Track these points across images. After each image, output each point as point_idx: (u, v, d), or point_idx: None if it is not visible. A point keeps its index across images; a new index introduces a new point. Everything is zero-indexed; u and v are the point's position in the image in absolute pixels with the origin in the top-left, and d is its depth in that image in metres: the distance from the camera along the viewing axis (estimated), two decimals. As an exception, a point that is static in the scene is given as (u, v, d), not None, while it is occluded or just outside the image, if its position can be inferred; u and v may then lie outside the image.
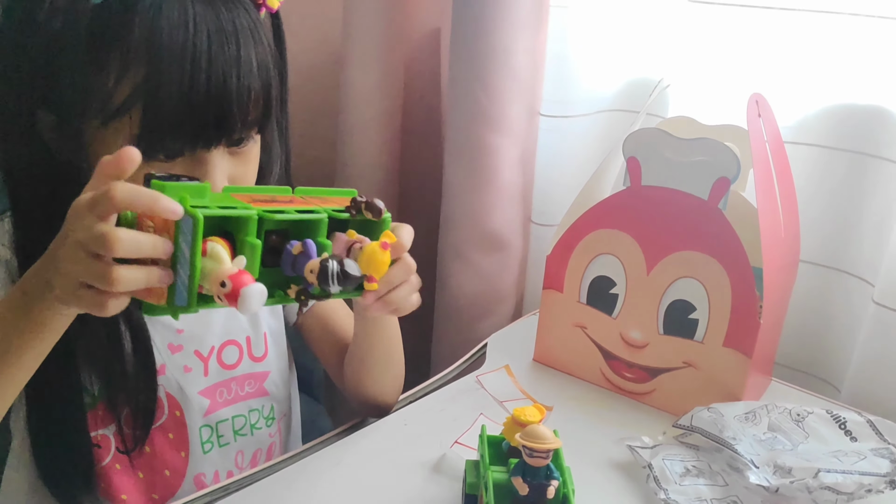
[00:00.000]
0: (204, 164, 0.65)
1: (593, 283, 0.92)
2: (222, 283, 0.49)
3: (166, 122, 0.61)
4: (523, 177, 1.16)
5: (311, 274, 0.54)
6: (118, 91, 0.61)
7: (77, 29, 0.60)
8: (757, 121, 0.84)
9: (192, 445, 0.79)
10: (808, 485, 0.70)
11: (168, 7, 0.60)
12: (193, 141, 0.64)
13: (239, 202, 0.55)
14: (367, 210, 0.59)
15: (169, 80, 0.60)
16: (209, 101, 0.62)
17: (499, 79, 1.08)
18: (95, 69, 0.61)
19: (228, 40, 0.62)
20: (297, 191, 0.61)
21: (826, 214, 0.99)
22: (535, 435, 0.62)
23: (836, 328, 1.02)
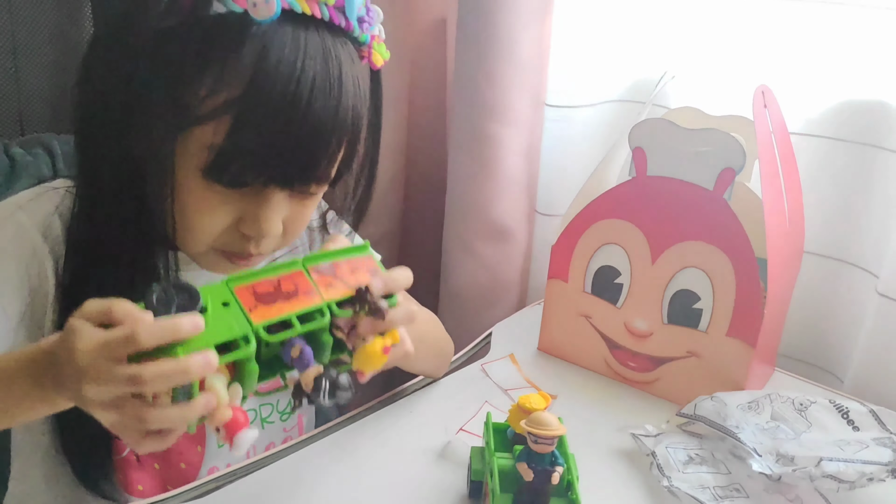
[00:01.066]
0: (265, 201, 0.63)
1: (598, 272, 0.93)
2: (217, 429, 0.52)
3: (248, 150, 0.59)
4: (528, 167, 1.16)
5: (306, 386, 0.56)
6: (210, 100, 0.58)
7: (190, 34, 0.58)
8: (763, 112, 0.84)
9: (208, 441, 0.80)
10: (811, 473, 0.70)
11: (281, 36, 0.58)
12: (269, 177, 0.61)
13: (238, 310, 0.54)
14: (370, 314, 0.58)
15: (265, 109, 0.58)
16: (299, 145, 0.60)
17: (504, 69, 1.08)
18: (196, 74, 0.58)
19: (332, 88, 0.60)
20: (305, 260, 0.60)
21: (830, 206, 1.00)
22: (540, 422, 0.62)
23: (839, 319, 1.02)
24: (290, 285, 0.58)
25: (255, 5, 0.57)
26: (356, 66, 0.64)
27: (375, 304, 0.58)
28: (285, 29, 0.58)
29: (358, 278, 0.60)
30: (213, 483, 0.73)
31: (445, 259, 1.23)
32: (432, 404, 0.86)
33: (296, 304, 0.57)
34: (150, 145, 0.61)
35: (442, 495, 0.72)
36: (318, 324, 0.57)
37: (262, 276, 0.57)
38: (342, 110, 0.61)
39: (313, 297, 0.58)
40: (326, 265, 0.60)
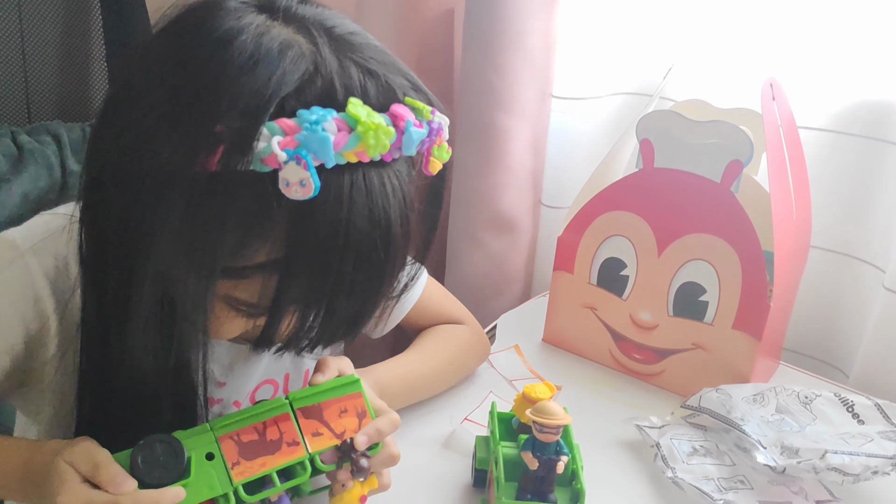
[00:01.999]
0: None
1: (604, 264, 0.93)
2: None
3: (280, 323, 0.54)
4: (534, 159, 1.16)
5: None
6: (237, 259, 0.51)
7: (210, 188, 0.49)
8: (771, 104, 0.84)
9: None
10: (815, 465, 0.70)
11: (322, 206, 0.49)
12: (306, 341, 0.56)
13: (221, 466, 0.56)
14: (353, 474, 0.60)
15: (302, 285, 0.52)
16: (342, 319, 0.55)
17: (511, 60, 1.08)
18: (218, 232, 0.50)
19: (376, 258, 0.52)
20: (294, 399, 0.60)
21: (837, 200, 0.99)
22: (545, 411, 0.62)
23: (845, 313, 1.02)
24: (275, 432, 0.59)
25: (289, 185, 0.47)
26: (409, 189, 0.55)
27: (358, 462, 0.60)
28: (327, 182, 0.49)
29: (345, 424, 0.61)
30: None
31: (450, 250, 1.23)
32: (437, 394, 0.86)
33: (278, 457, 0.58)
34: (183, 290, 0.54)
35: (446, 484, 0.72)
36: (298, 480, 0.59)
37: (248, 421, 0.58)
38: (388, 277, 0.55)
39: (297, 449, 0.59)
40: (314, 407, 0.61)
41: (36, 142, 1.08)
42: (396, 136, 0.51)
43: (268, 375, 0.75)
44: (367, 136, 0.49)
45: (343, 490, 0.61)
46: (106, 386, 0.60)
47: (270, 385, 0.76)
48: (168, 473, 0.54)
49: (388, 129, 0.50)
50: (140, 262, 0.52)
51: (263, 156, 0.48)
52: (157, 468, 0.54)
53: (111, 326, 0.58)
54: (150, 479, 0.53)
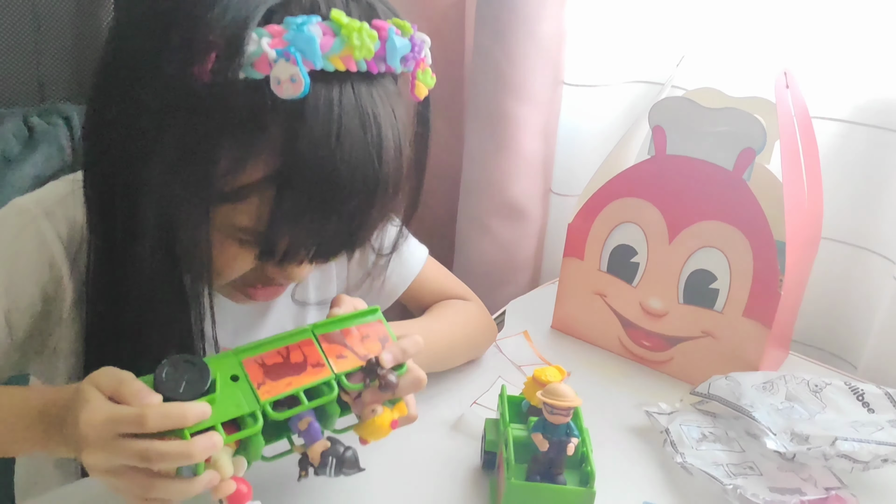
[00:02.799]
0: (294, 269, 0.61)
1: (615, 251, 0.93)
2: (220, 501, 0.53)
3: (281, 233, 0.55)
4: (545, 146, 1.16)
5: (313, 459, 0.57)
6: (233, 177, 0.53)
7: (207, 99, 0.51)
8: (785, 93, 0.83)
9: None
10: (825, 452, 0.70)
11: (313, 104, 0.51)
12: (303, 255, 0.58)
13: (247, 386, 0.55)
14: (381, 389, 0.59)
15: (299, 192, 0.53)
16: (339, 226, 0.56)
17: (523, 46, 1.07)
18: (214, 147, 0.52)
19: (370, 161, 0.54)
20: (314, 327, 0.60)
21: (849, 191, 0.99)
22: (556, 392, 0.62)
23: (855, 305, 1.02)
24: (299, 356, 0.58)
25: (280, 83, 0.50)
26: (398, 107, 0.57)
27: (386, 378, 0.58)
28: (316, 92, 0.51)
29: (368, 347, 0.60)
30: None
31: (460, 236, 1.23)
32: (446, 378, 0.86)
33: (304, 377, 0.57)
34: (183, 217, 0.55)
35: (455, 466, 0.73)
36: (325, 398, 0.57)
37: (271, 346, 0.58)
38: (382, 183, 0.56)
39: (322, 370, 0.58)
40: (336, 333, 0.60)
41: (47, 123, 1.08)
42: (380, 44, 0.53)
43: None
44: (352, 37, 0.51)
45: (373, 415, 0.59)
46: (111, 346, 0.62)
47: None
48: (193, 391, 0.52)
49: (371, 32, 0.52)
50: (142, 195, 0.55)
51: (254, 58, 0.50)
52: (181, 385, 0.52)
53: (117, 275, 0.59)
54: (175, 395, 0.52)
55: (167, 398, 0.51)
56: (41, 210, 0.64)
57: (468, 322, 0.86)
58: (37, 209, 0.64)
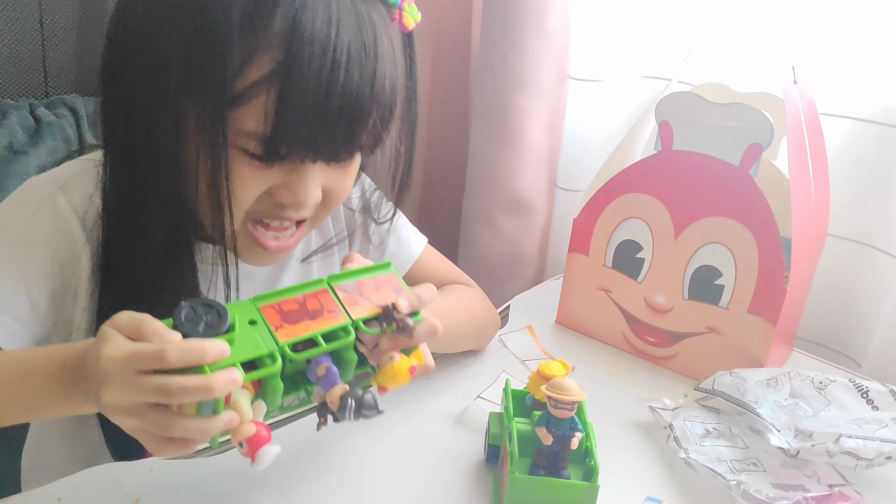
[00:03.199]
0: (300, 170, 0.62)
1: (620, 246, 0.93)
2: (240, 444, 0.52)
3: (289, 130, 0.58)
4: (550, 140, 1.16)
5: (332, 404, 0.57)
6: (243, 77, 0.57)
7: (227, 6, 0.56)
8: (792, 89, 0.83)
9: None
10: (829, 449, 0.70)
11: (313, 5, 0.56)
12: (307, 150, 0.60)
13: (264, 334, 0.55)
14: (398, 332, 0.59)
15: (302, 86, 0.56)
16: (338, 118, 0.59)
17: (530, 40, 1.07)
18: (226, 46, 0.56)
19: (367, 55, 0.58)
20: (329, 279, 0.60)
21: (856, 188, 0.99)
22: (561, 387, 0.62)
23: (860, 302, 1.02)
24: (316, 303, 0.58)
25: None
26: (389, 28, 0.62)
27: (403, 321, 0.58)
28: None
29: (383, 296, 0.60)
30: (232, 440, 0.74)
31: (465, 230, 1.23)
32: (450, 372, 0.87)
33: (321, 322, 0.57)
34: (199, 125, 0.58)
35: (459, 459, 0.73)
36: (343, 342, 0.57)
37: (287, 294, 0.58)
38: (379, 78, 0.59)
39: (339, 316, 0.58)
40: (351, 283, 0.61)
41: (53, 115, 1.09)
42: None
43: None
44: None
45: (391, 362, 0.59)
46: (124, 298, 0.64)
47: None
48: (211, 332, 0.52)
49: None
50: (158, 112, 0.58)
51: None
52: (200, 326, 0.52)
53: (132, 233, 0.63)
54: (194, 335, 0.51)
55: (186, 338, 0.51)
56: (57, 186, 0.66)
57: (472, 305, 0.87)
58: (52, 185, 0.66)
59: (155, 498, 0.64)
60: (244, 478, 0.68)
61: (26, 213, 0.65)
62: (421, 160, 1.32)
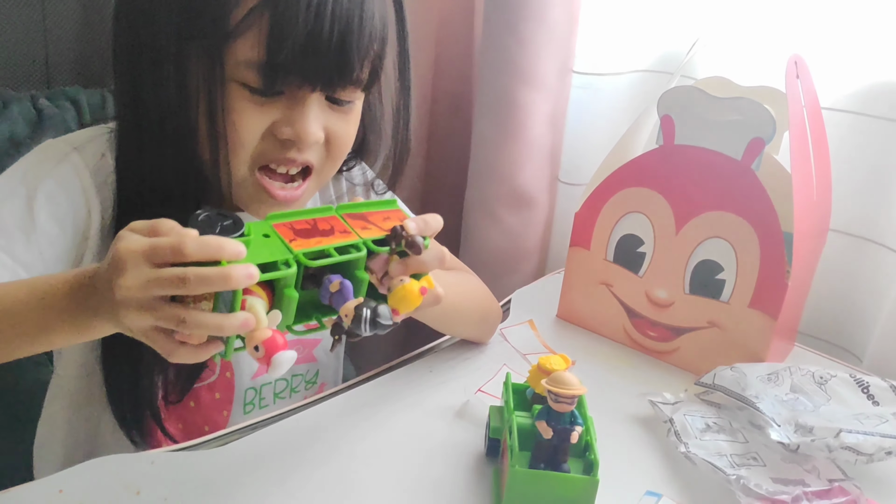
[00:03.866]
0: (301, 107, 0.64)
1: (621, 241, 0.92)
2: (256, 348, 0.52)
3: (284, 58, 0.61)
4: (553, 134, 1.15)
5: (346, 317, 0.57)
6: (238, 9, 0.60)
7: None
8: (795, 82, 0.83)
9: (234, 405, 0.81)
10: (829, 444, 0.70)
11: None
12: (302, 76, 0.62)
13: (278, 243, 0.55)
14: (407, 248, 0.59)
15: (292, 12, 0.59)
16: (331, 40, 0.61)
17: (533, 33, 1.07)
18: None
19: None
20: (338, 208, 0.62)
21: (857, 183, 0.98)
22: (561, 381, 0.62)
23: (862, 297, 1.01)
24: (327, 225, 0.59)
25: None
26: None
27: (412, 238, 0.59)
28: None
29: (391, 225, 0.61)
30: (235, 435, 0.74)
31: (466, 224, 1.23)
32: (451, 365, 0.87)
33: (333, 239, 0.58)
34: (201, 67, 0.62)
35: (459, 452, 0.73)
36: (355, 255, 0.58)
37: (299, 216, 0.59)
38: (367, 6, 0.63)
39: (350, 236, 0.59)
40: (359, 213, 0.62)
41: (55, 106, 1.08)
42: None
43: None
44: None
45: (401, 283, 0.60)
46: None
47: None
48: (227, 235, 0.53)
49: None
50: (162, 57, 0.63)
51: None
52: (216, 230, 0.53)
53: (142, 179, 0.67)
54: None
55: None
56: (71, 146, 0.70)
57: (477, 291, 0.87)
58: (68, 146, 0.70)
59: (155, 490, 0.64)
60: (244, 470, 0.68)
61: (46, 167, 0.68)
62: (423, 152, 1.32)
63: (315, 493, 0.66)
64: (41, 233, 0.66)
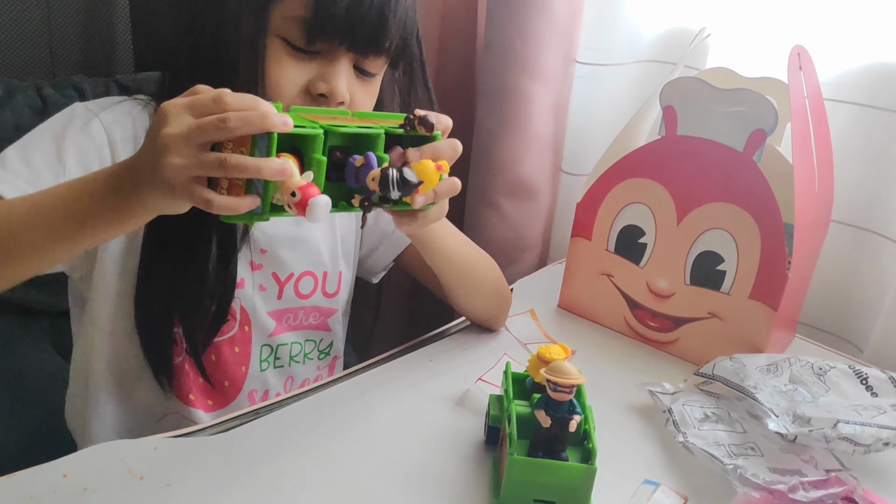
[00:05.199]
0: (333, 63, 0.70)
1: (622, 231, 0.93)
2: (293, 193, 0.53)
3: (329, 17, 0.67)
4: (555, 125, 1.16)
5: (373, 182, 0.58)
6: None
7: None
8: (798, 74, 0.83)
9: (252, 361, 0.84)
10: (826, 434, 0.70)
11: None
12: (342, 36, 0.68)
13: (306, 121, 0.58)
14: (419, 125, 0.62)
15: None
16: (371, 8, 0.68)
17: (536, 24, 1.07)
18: None
19: None
20: (354, 114, 0.65)
21: (859, 174, 0.98)
22: (560, 370, 0.63)
23: (863, 289, 1.02)
24: (346, 120, 0.62)
25: None
26: None
27: (424, 117, 0.61)
28: None
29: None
30: (237, 420, 0.75)
31: (468, 214, 1.23)
32: (452, 354, 0.87)
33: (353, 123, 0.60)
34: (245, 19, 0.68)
35: (459, 440, 0.73)
36: (374, 131, 0.60)
37: (321, 112, 0.62)
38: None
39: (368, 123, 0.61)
40: (373, 119, 0.64)
41: (60, 95, 1.09)
42: None
43: (308, 267, 0.85)
44: None
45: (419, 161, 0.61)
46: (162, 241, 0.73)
47: (311, 277, 0.86)
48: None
49: None
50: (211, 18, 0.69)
51: None
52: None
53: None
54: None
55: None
56: (101, 108, 0.75)
57: (493, 266, 0.90)
58: (98, 107, 0.75)
59: (159, 475, 0.65)
60: (246, 456, 0.69)
61: (76, 123, 0.72)
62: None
63: (316, 478, 0.67)
64: (69, 175, 0.69)
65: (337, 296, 0.89)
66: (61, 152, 0.70)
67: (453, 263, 0.83)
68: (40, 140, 0.71)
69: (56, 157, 0.70)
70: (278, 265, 0.83)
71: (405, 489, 0.67)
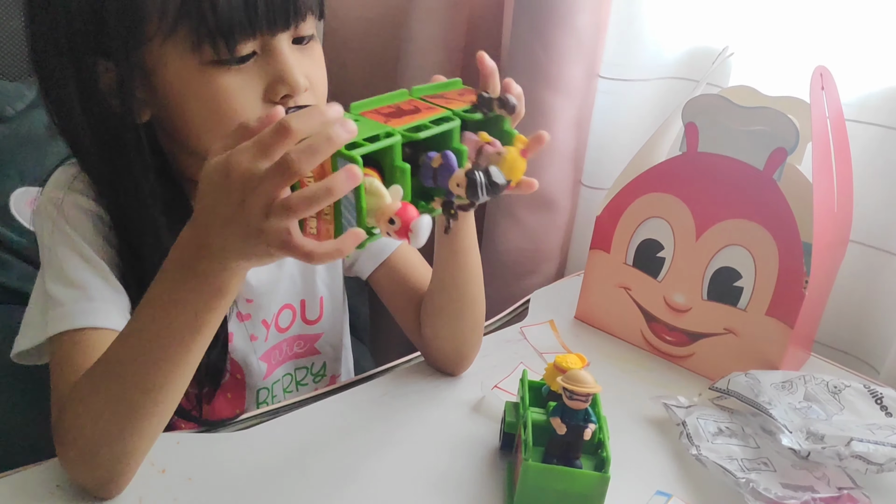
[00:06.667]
0: (277, 56, 0.63)
1: (641, 245, 0.94)
2: (391, 221, 0.50)
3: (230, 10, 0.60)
4: (577, 138, 1.17)
5: (458, 187, 0.53)
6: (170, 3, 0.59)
7: None
8: (819, 94, 0.83)
9: (247, 405, 0.83)
10: (840, 452, 0.71)
11: None
12: (254, 23, 0.61)
13: (373, 122, 0.53)
14: (500, 108, 0.57)
15: None
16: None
17: (560, 38, 1.08)
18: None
19: None
20: (412, 91, 0.59)
21: (880, 195, 0.99)
22: (576, 378, 0.64)
23: (881, 309, 1.02)
24: (410, 105, 0.57)
25: None
26: None
27: (502, 97, 0.57)
28: None
29: (469, 99, 0.59)
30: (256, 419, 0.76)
31: (488, 224, 1.24)
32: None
33: (422, 116, 0.56)
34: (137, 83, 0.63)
35: (474, 446, 0.74)
36: (451, 125, 0.55)
37: (379, 103, 0.57)
38: None
39: (437, 110, 0.57)
40: (435, 94, 0.60)
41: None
42: None
43: (286, 300, 0.83)
44: None
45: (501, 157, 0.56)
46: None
47: (289, 309, 0.84)
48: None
49: None
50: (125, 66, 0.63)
51: None
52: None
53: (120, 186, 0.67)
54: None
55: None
56: (62, 192, 0.69)
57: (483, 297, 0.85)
58: (59, 192, 0.69)
59: (180, 468, 0.67)
60: (265, 454, 0.70)
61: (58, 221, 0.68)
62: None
63: (333, 479, 0.68)
64: (101, 264, 0.67)
65: (320, 321, 0.87)
66: (80, 249, 0.67)
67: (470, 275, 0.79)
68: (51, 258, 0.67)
69: (82, 259, 0.67)
70: (265, 310, 0.81)
71: (421, 493, 0.68)
